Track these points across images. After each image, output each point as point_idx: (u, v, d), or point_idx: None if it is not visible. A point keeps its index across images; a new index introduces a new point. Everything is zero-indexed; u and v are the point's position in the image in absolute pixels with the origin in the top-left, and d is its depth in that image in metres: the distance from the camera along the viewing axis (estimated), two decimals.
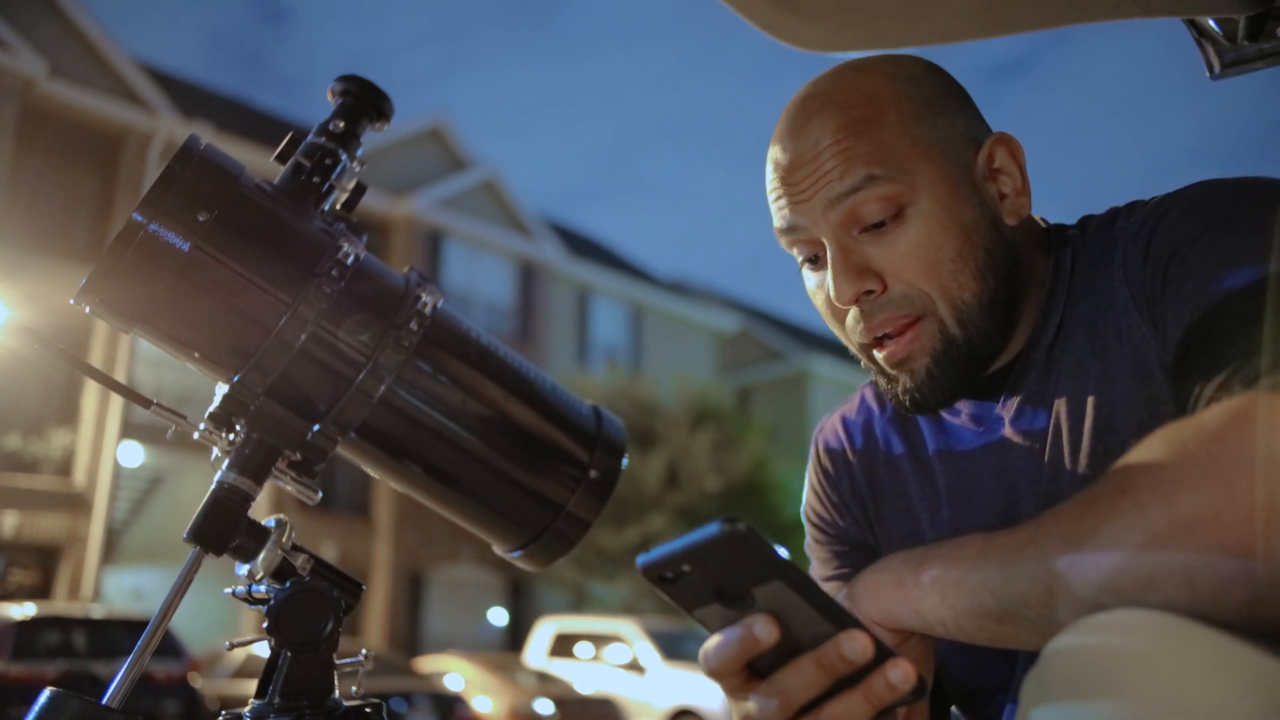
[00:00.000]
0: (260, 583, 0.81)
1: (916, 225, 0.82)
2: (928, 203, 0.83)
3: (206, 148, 0.78)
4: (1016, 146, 0.87)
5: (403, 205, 19.38)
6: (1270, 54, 1.19)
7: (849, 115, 0.84)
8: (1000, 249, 0.85)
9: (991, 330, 0.85)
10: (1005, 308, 0.86)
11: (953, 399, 0.87)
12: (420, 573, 18.73)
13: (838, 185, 0.83)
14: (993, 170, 0.87)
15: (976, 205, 0.85)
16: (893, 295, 0.84)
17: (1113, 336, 0.82)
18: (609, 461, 0.90)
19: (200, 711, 8.96)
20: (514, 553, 0.93)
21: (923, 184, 0.83)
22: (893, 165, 0.82)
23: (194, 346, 0.81)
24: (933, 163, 0.84)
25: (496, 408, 0.87)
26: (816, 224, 0.85)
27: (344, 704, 0.80)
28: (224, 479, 0.78)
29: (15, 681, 8.17)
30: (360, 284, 0.81)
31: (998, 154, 0.87)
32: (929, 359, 0.85)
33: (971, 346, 0.85)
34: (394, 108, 0.87)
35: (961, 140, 0.86)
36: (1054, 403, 0.86)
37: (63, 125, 15.45)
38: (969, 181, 0.85)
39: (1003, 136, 0.88)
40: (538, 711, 10.63)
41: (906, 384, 0.87)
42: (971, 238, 0.84)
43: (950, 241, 0.83)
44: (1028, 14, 1.18)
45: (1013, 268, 0.86)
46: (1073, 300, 0.87)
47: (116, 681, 0.70)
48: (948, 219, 0.83)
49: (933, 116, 0.85)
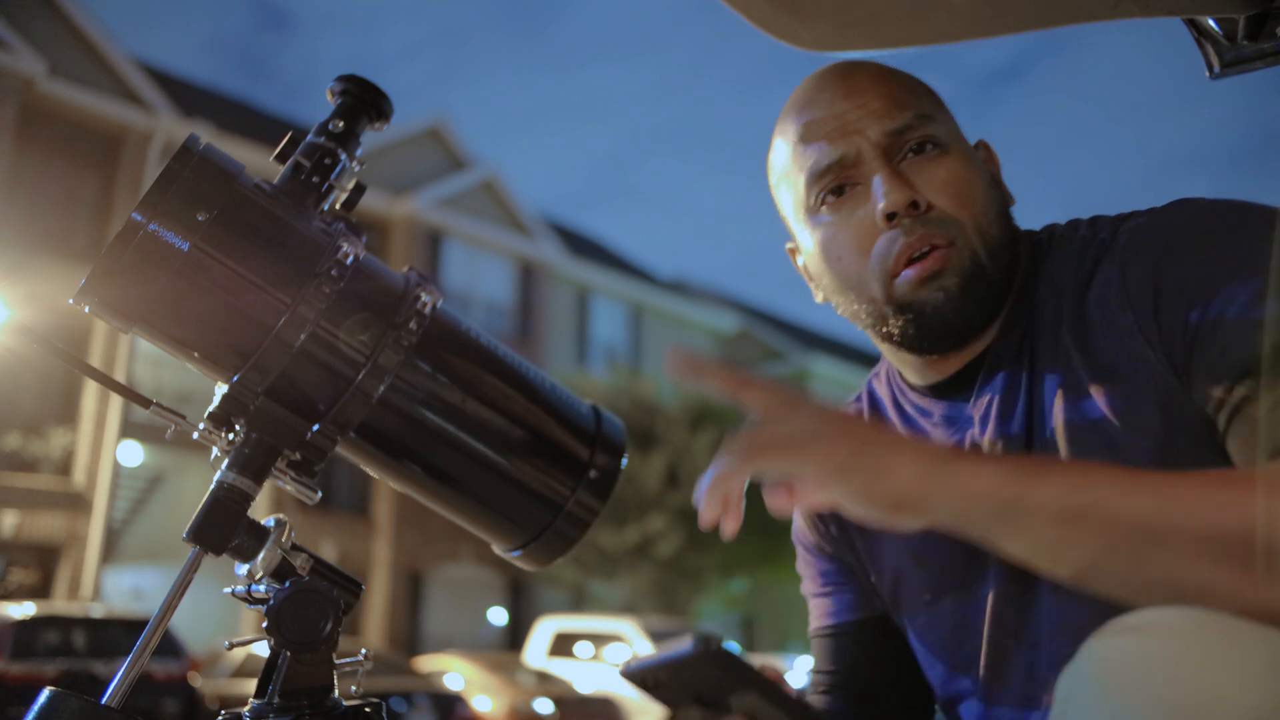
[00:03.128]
0: (260, 582, 0.81)
1: (956, 162, 0.91)
2: (962, 149, 0.93)
3: (206, 147, 0.78)
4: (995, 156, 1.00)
5: (402, 205, 19.38)
6: (1270, 54, 1.19)
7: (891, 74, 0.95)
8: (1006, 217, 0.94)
9: (1009, 272, 0.91)
10: (1014, 261, 0.92)
11: (960, 335, 0.90)
12: (420, 572, 18.73)
13: (892, 119, 0.90)
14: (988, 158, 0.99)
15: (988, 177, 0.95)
16: (933, 215, 0.89)
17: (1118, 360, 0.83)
18: (608, 461, 0.90)
19: (200, 711, 8.96)
20: (514, 552, 0.93)
21: (954, 136, 0.94)
22: (937, 111, 0.93)
23: (193, 346, 0.81)
24: (955, 133, 0.94)
25: (496, 408, 0.87)
26: (864, 151, 0.90)
27: (343, 703, 0.80)
28: (223, 479, 0.78)
29: (15, 681, 8.17)
30: (360, 284, 0.81)
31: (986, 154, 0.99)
32: (958, 279, 0.88)
33: (995, 279, 0.90)
34: (393, 107, 0.87)
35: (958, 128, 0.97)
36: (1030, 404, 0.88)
37: (62, 125, 15.45)
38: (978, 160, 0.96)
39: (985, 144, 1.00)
40: (537, 711, 10.63)
41: (931, 304, 0.89)
42: (989, 191, 0.93)
43: (980, 181, 0.92)
44: (1027, 14, 1.18)
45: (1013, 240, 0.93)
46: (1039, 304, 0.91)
47: (116, 681, 0.70)
48: (977, 164, 0.94)
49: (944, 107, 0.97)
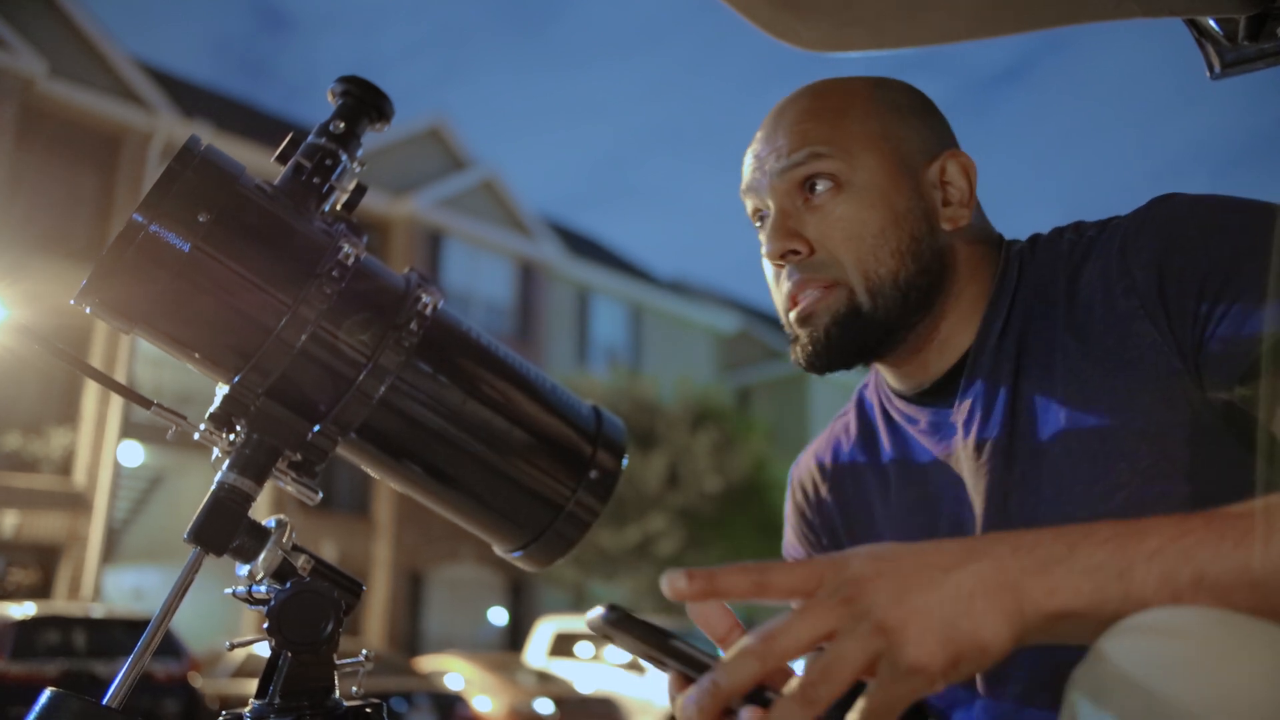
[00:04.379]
0: (261, 583, 0.81)
1: (849, 201, 0.91)
2: (864, 182, 0.92)
3: (207, 148, 0.78)
4: (970, 165, 0.96)
5: (402, 205, 19.38)
6: (1271, 54, 1.19)
7: (816, 103, 0.95)
8: (928, 241, 0.92)
9: (903, 308, 0.91)
10: (923, 292, 0.92)
11: (844, 363, 0.93)
12: (420, 572, 18.73)
13: (785, 159, 0.93)
14: (942, 180, 0.95)
15: (913, 198, 0.93)
16: (815, 260, 0.92)
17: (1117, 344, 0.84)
18: (609, 461, 0.90)
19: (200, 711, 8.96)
20: (514, 553, 0.93)
21: (864, 167, 0.92)
22: (839, 147, 0.92)
23: (194, 347, 0.81)
24: (880, 154, 0.93)
25: (497, 408, 0.87)
26: (766, 190, 0.95)
27: (344, 704, 0.80)
28: (224, 479, 0.78)
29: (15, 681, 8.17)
30: (360, 284, 0.81)
31: (949, 167, 0.95)
32: (829, 319, 0.91)
33: (875, 318, 0.91)
34: (394, 108, 0.87)
35: (917, 147, 0.95)
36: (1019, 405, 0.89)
37: (62, 124, 15.45)
38: (912, 178, 0.93)
39: (958, 153, 0.96)
40: (538, 711, 10.63)
41: (805, 341, 0.93)
42: (899, 221, 0.91)
43: (875, 219, 0.91)
44: (1028, 14, 1.18)
45: (936, 261, 0.93)
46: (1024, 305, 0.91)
47: (117, 681, 0.70)
48: (879, 199, 0.92)
49: (894, 118, 0.95)
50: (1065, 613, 0.53)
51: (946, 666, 0.52)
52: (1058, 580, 0.53)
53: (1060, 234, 0.94)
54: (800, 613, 0.53)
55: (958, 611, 0.52)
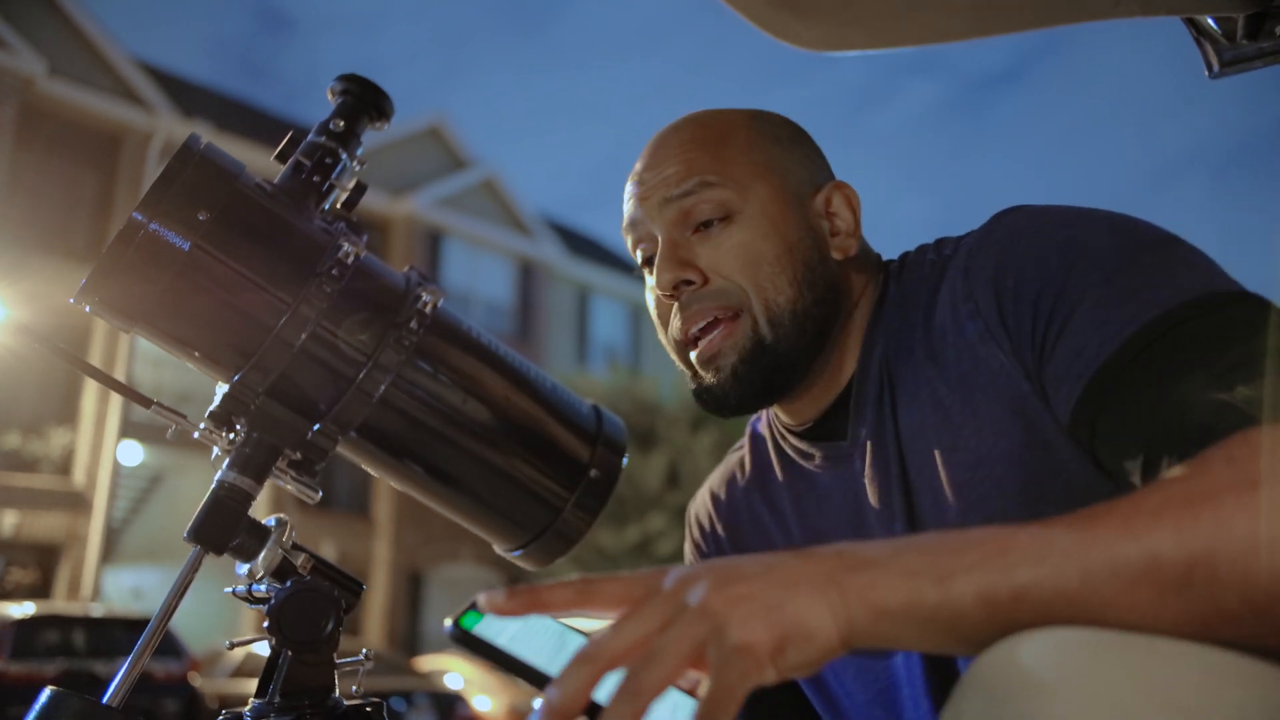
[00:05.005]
0: (261, 582, 0.81)
1: (742, 228, 0.88)
2: (755, 212, 0.89)
3: (207, 147, 0.78)
4: (853, 195, 0.95)
5: (402, 204, 19.37)
6: (1269, 53, 1.19)
7: (699, 132, 0.93)
8: (820, 270, 0.90)
9: (800, 341, 0.88)
10: (819, 323, 0.89)
11: (754, 403, 0.90)
12: (420, 572, 18.74)
13: (674, 187, 0.89)
14: (829, 211, 0.93)
15: (803, 227, 0.91)
16: (711, 289, 0.89)
17: (970, 369, 0.81)
18: (609, 461, 0.91)
19: (200, 710, 8.96)
20: (514, 552, 0.93)
21: (754, 196, 0.89)
22: (728, 176, 0.89)
23: (194, 346, 0.81)
24: (768, 183, 0.91)
25: (497, 407, 0.87)
26: (653, 219, 0.91)
27: (344, 703, 0.80)
28: (224, 478, 0.78)
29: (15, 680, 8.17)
30: (361, 283, 0.81)
31: (834, 198, 0.93)
32: (737, 357, 0.88)
33: (779, 351, 0.88)
34: (394, 107, 0.87)
35: (802, 178, 0.93)
36: (902, 435, 0.86)
37: (62, 124, 15.45)
38: (800, 208, 0.91)
39: (842, 185, 0.94)
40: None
41: (711, 382, 0.90)
42: (792, 250, 0.89)
43: (771, 248, 0.88)
44: (1026, 13, 1.18)
45: (830, 291, 0.90)
46: (889, 331, 0.89)
47: (117, 681, 0.70)
48: (771, 228, 0.89)
49: (778, 150, 0.93)
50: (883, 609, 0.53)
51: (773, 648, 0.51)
52: (876, 577, 0.53)
53: (924, 252, 0.92)
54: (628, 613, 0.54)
55: (781, 596, 0.52)
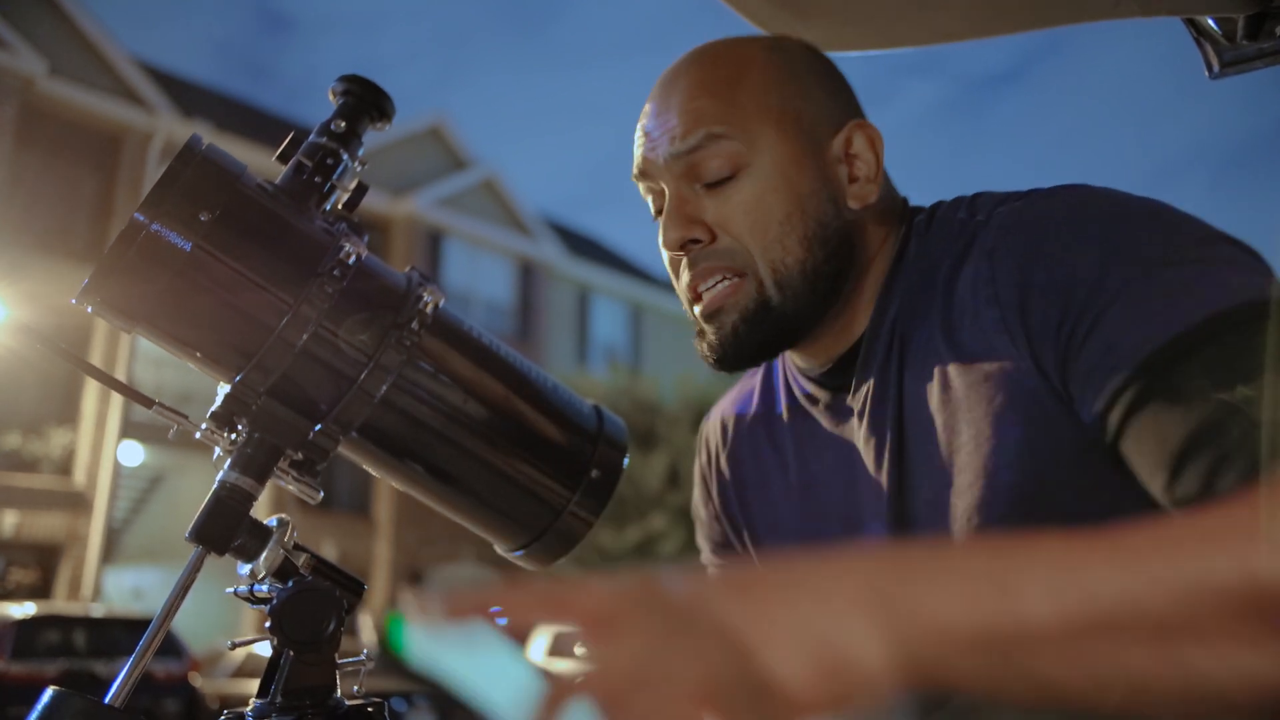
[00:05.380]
0: (263, 582, 0.81)
1: (751, 184, 0.84)
2: (766, 164, 0.84)
3: (208, 147, 0.78)
4: (876, 136, 0.88)
5: (403, 204, 19.38)
6: (1269, 53, 1.19)
7: (709, 73, 0.87)
8: (834, 224, 0.86)
9: (811, 299, 0.85)
10: (831, 280, 0.86)
11: (753, 361, 0.89)
12: (420, 572, 18.74)
13: (679, 142, 0.85)
14: (848, 154, 0.87)
15: (817, 178, 0.86)
16: (718, 247, 0.86)
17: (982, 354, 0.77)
18: (610, 461, 0.91)
19: (200, 711, 8.97)
20: (515, 552, 0.93)
21: (765, 146, 0.85)
22: (736, 125, 0.84)
23: (196, 346, 0.81)
24: (781, 129, 0.85)
25: (498, 407, 0.87)
26: (660, 174, 0.88)
27: (346, 703, 0.80)
28: (226, 478, 0.78)
29: (15, 681, 8.18)
30: (362, 283, 0.81)
31: (855, 139, 0.87)
32: (738, 315, 0.86)
33: (785, 311, 0.85)
34: (395, 107, 0.87)
35: (820, 118, 0.87)
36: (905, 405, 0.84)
37: (62, 124, 15.45)
38: (816, 155, 0.86)
39: (864, 124, 0.88)
40: None
41: (712, 338, 0.87)
42: (804, 205, 0.85)
43: (780, 204, 0.84)
44: (1027, 13, 1.18)
45: (844, 245, 0.86)
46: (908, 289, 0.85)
47: (119, 681, 0.70)
48: (782, 182, 0.85)
49: (795, 88, 0.86)
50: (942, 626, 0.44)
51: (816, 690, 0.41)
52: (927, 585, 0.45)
53: (957, 208, 0.86)
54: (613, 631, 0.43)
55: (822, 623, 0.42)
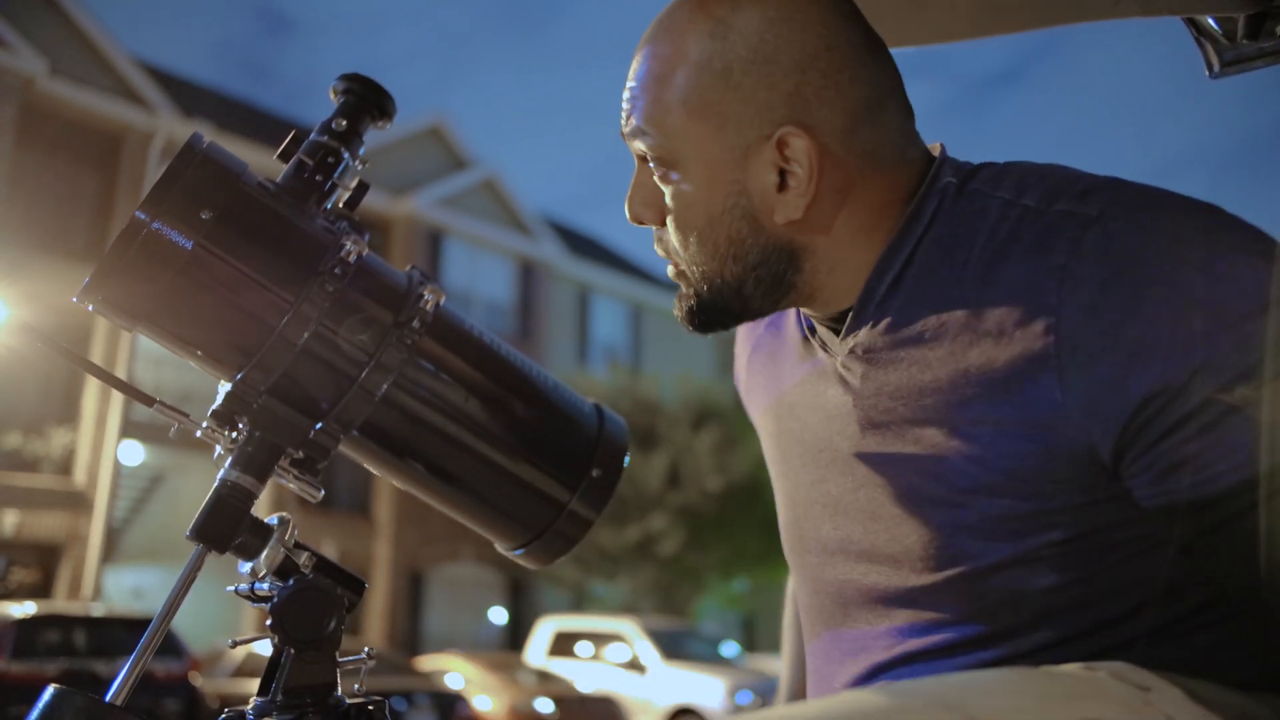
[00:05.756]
0: (263, 580, 0.81)
1: (674, 189, 0.84)
2: (686, 174, 0.82)
3: (209, 146, 0.79)
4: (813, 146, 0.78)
5: (403, 204, 19.39)
6: (1270, 53, 1.19)
7: (647, 63, 0.83)
8: (752, 239, 0.82)
9: (741, 297, 0.85)
10: (763, 283, 0.84)
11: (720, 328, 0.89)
12: (420, 571, 18.74)
13: (625, 124, 0.86)
14: (784, 156, 0.79)
15: (733, 192, 0.81)
16: (664, 235, 0.87)
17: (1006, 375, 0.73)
18: (611, 460, 0.91)
19: (201, 710, 8.96)
20: (516, 551, 0.93)
21: (687, 154, 0.81)
22: (660, 127, 0.82)
23: (196, 345, 0.81)
24: (701, 139, 0.80)
25: (498, 406, 0.87)
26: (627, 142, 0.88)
27: (346, 701, 0.80)
28: (226, 477, 0.78)
29: (16, 680, 8.18)
30: (363, 282, 0.81)
31: (793, 145, 0.78)
32: (686, 302, 0.88)
33: (717, 305, 0.86)
34: (396, 106, 0.87)
35: (753, 121, 0.79)
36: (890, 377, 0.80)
37: (63, 124, 15.46)
38: (737, 166, 0.80)
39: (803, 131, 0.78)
40: (538, 710, 10.64)
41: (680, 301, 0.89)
42: (715, 223, 0.82)
43: (694, 219, 0.83)
44: (1027, 13, 1.18)
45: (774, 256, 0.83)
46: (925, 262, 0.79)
47: (119, 679, 0.70)
48: (695, 197, 0.82)
49: (724, 88, 0.79)
50: None
51: None
52: None
53: (997, 183, 0.79)
54: None
55: None
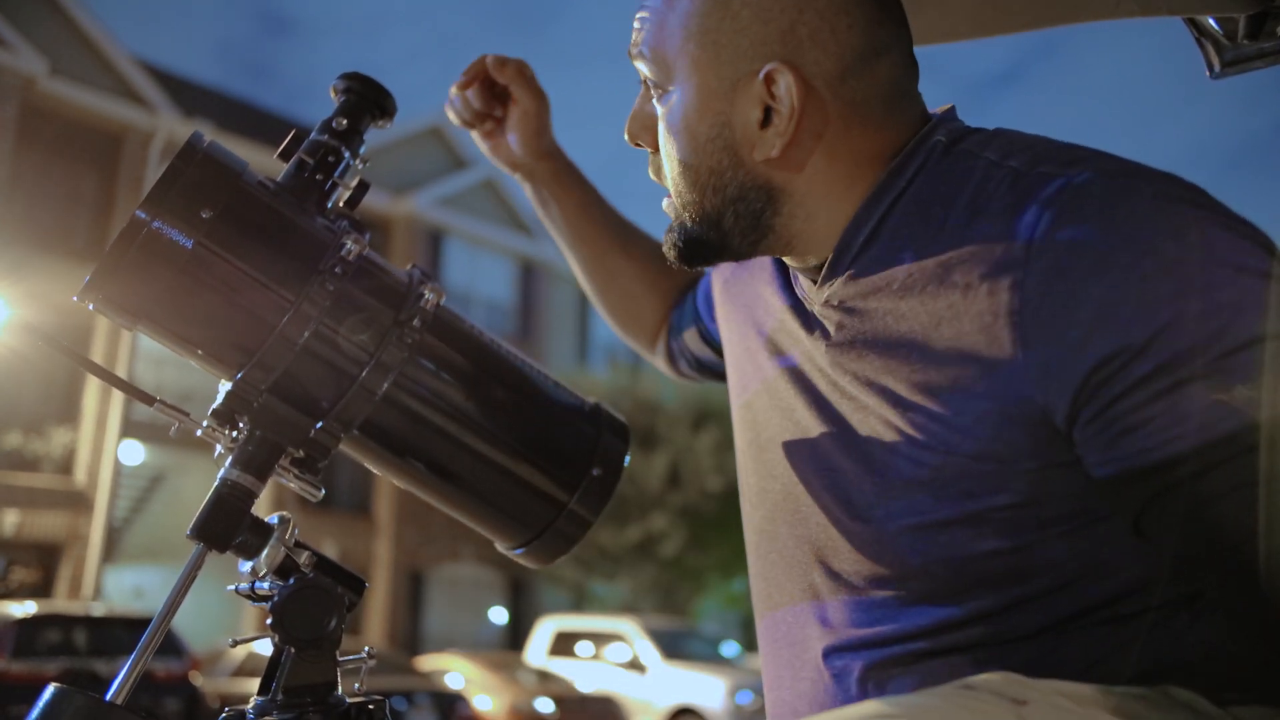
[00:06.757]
0: (264, 580, 0.81)
1: (665, 119, 0.84)
2: (676, 100, 0.83)
3: (210, 145, 0.79)
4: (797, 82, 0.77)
5: (403, 204, 19.39)
6: (1270, 53, 1.19)
7: None
8: (732, 175, 0.82)
9: (720, 232, 0.84)
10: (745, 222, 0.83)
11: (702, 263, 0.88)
12: (421, 571, 18.74)
13: (631, 47, 0.86)
14: (771, 94, 0.78)
15: (717, 123, 0.81)
16: (656, 160, 0.88)
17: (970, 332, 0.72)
18: (611, 459, 0.91)
19: (201, 709, 8.97)
20: (516, 550, 0.93)
21: (679, 81, 0.82)
22: (658, 54, 0.83)
23: (197, 344, 0.81)
24: (696, 66, 0.80)
25: (499, 405, 0.87)
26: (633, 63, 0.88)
27: (346, 700, 0.80)
28: (227, 476, 0.78)
29: (16, 680, 8.19)
30: (363, 281, 0.81)
31: (779, 83, 0.78)
32: (672, 230, 0.88)
33: (699, 237, 0.85)
34: (396, 105, 0.87)
35: (745, 53, 0.79)
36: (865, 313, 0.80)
37: (63, 124, 15.46)
38: (725, 97, 0.80)
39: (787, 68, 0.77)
40: (538, 710, 10.64)
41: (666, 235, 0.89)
42: (698, 152, 0.82)
43: (677, 148, 0.83)
44: (1027, 13, 1.18)
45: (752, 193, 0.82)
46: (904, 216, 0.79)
47: (120, 679, 0.70)
48: (682, 125, 0.82)
49: (723, 17, 0.79)
50: None
51: None
52: None
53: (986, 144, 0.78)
54: None
55: None
